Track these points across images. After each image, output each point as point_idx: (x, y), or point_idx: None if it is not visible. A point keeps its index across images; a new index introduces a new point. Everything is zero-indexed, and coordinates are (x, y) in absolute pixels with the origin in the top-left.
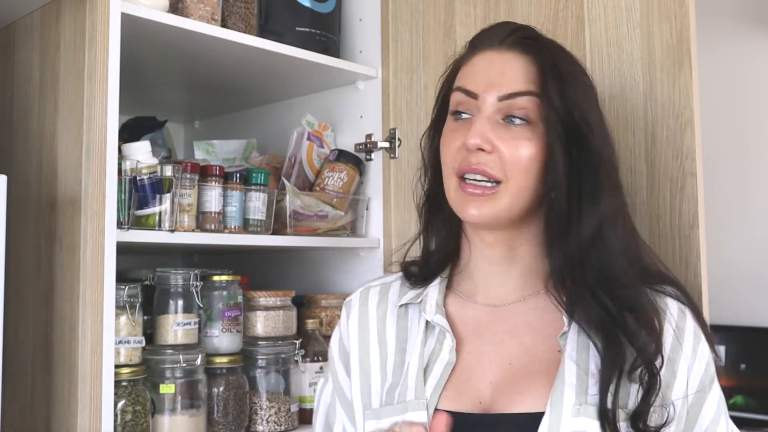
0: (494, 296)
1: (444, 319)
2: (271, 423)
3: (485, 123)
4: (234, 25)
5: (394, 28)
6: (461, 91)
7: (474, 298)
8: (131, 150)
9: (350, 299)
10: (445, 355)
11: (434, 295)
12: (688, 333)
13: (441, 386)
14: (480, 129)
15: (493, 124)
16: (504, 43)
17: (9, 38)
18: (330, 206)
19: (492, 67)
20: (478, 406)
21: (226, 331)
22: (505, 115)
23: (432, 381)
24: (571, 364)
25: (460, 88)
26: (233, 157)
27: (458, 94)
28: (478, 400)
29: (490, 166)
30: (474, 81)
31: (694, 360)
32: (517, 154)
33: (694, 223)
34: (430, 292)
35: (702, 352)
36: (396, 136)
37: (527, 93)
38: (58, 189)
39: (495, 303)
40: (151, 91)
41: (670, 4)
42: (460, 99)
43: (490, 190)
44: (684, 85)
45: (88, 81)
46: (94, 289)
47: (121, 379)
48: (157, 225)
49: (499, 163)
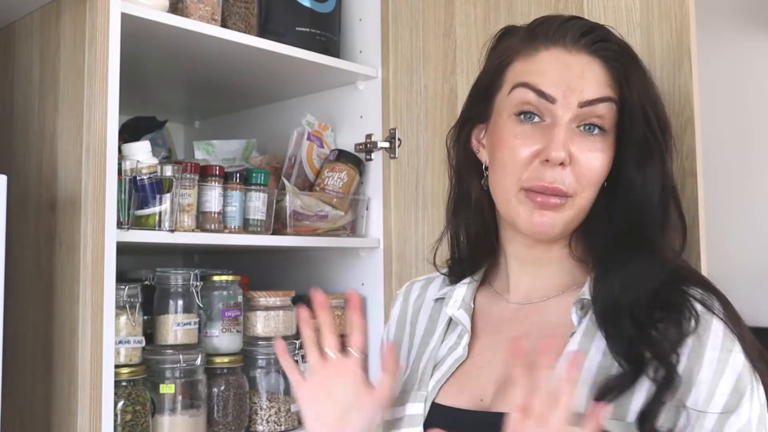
0: (522, 294)
1: (466, 315)
2: (271, 423)
3: (567, 133)
4: (234, 25)
5: (394, 28)
6: (532, 90)
7: (504, 295)
8: (131, 150)
9: (398, 292)
10: (459, 350)
11: (462, 291)
12: (713, 340)
13: (443, 380)
14: (564, 139)
15: (571, 133)
16: (578, 43)
17: (9, 38)
18: (330, 206)
19: (568, 69)
20: (479, 404)
21: (226, 331)
22: (581, 123)
23: (437, 375)
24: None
25: (530, 85)
26: (233, 157)
27: (527, 92)
28: (479, 397)
29: (565, 183)
30: (549, 81)
31: (720, 372)
32: (593, 166)
33: (694, 222)
34: (458, 289)
35: (733, 364)
36: (396, 136)
37: (607, 99)
38: (58, 189)
39: (521, 301)
40: (151, 91)
41: (670, 4)
42: (530, 99)
43: (559, 203)
44: (684, 84)
45: (88, 81)
46: (94, 289)
47: (121, 379)
48: (157, 225)
49: (573, 177)
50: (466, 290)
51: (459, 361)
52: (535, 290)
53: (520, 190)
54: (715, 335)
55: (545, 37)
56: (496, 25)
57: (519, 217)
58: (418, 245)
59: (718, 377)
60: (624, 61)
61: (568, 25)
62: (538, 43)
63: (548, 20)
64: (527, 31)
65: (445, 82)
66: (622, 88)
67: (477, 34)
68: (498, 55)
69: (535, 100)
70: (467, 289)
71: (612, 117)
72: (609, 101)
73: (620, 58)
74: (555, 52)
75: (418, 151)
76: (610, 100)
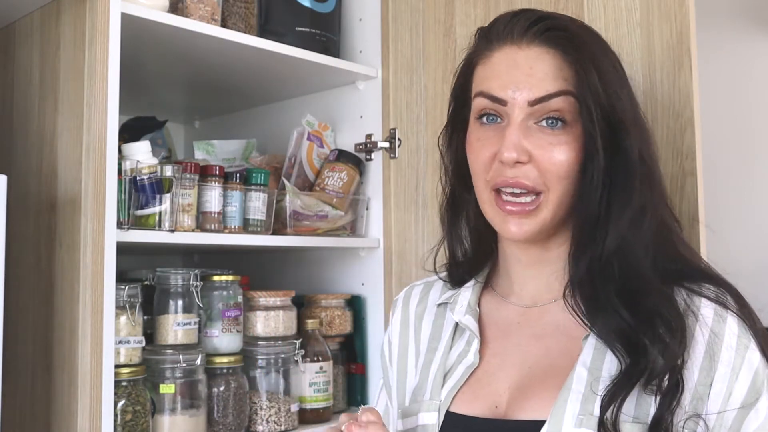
0: (527, 297)
1: (473, 320)
2: (271, 423)
3: (518, 132)
4: (234, 25)
5: (394, 28)
6: (485, 97)
7: (509, 297)
8: (131, 150)
9: (397, 297)
10: (470, 357)
11: (467, 296)
12: (729, 338)
13: (457, 388)
14: (515, 140)
15: (526, 131)
16: (526, 35)
17: (9, 38)
18: (330, 206)
19: (516, 67)
20: (494, 411)
21: (226, 331)
22: (538, 119)
23: (450, 383)
24: (582, 370)
25: (484, 93)
26: (233, 157)
27: (482, 99)
28: (494, 404)
29: (528, 177)
30: (498, 84)
31: (737, 370)
32: (554, 160)
33: (694, 222)
34: (463, 293)
35: (750, 360)
36: (396, 136)
37: (562, 93)
38: (58, 189)
39: (527, 304)
40: (151, 91)
41: (670, 4)
42: (485, 104)
43: (531, 205)
44: (684, 84)
45: (88, 81)
46: (94, 289)
47: (121, 379)
48: (157, 225)
49: (536, 172)
50: (470, 294)
51: (471, 368)
52: (542, 293)
53: (490, 191)
54: (730, 335)
55: (497, 37)
56: None
57: (495, 224)
58: (418, 245)
59: (735, 375)
60: (576, 48)
61: (515, 19)
62: (492, 44)
63: (500, 18)
64: (484, 32)
65: (445, 81)
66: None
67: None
68: (465, 61)
69: (490, 105)
70: (471, 293)
71: (572, 108)
72: (562, 95)
73: (572, 45)
74: (506, 50)
75: (418, 151)
76: (562, 94)
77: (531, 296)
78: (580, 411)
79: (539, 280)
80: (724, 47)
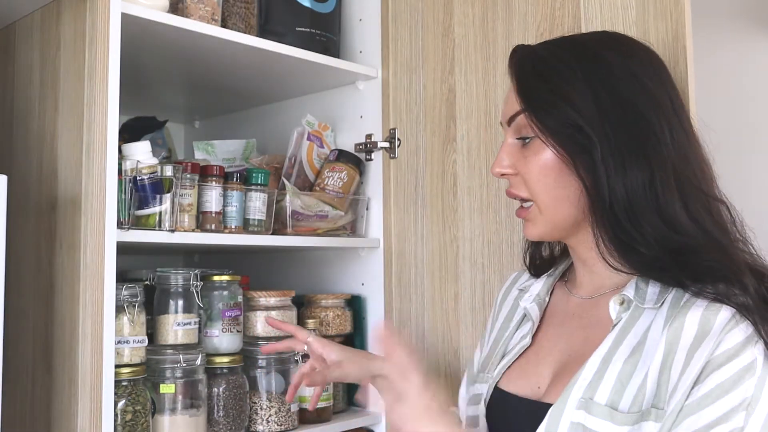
0: (586, 290)
1: (536, 307)
2: (271, 423)
3: (506, 149)
4: (234, 25)
5: (394, 28)
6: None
7: (573, 291)
8: (131, 150)
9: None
10: (527, 338)
11: (538, 286)
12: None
13: (507, 365)
14: (500, 156)
15: (514, 148)
16: (511, 67)
17: (9, 38)
18: (330, 206)
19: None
20: (536, 392)
21: (226, 331)
22: (518, 137)
23: (505, 360)
24: (596, 359)
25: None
26: (233, 157)
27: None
28: (537, 384)
29: (517, 187)
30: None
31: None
32: (529, 170)
33: None
34: (536, 283)
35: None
36: (396, 136)
37: (518, 113)
38: (58, 189)
39: (584, 296)
40: (151, 91)
41: (665, 2)
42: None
43: (528, 211)
44: (680, 82)
45: (88, 81)
46: (94, 289)
47: (121, 379)
48: (157, 225)
49: (522, 182)
50: (542, 285)
51: (523, 348)
52: (597, 287)
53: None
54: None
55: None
56: (494, 24)
57: None
58: (418, 245)
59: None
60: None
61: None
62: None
63: None
64: None
65: (443, 81)
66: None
67: (475, 34)
68: None
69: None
70: (543, 284)
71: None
72: (518, 114)
73: (520, 65)
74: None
75: (418, 151)
76: (518, 113)
77: (589, 290)
78: (583, 395)
79: (593, 275)
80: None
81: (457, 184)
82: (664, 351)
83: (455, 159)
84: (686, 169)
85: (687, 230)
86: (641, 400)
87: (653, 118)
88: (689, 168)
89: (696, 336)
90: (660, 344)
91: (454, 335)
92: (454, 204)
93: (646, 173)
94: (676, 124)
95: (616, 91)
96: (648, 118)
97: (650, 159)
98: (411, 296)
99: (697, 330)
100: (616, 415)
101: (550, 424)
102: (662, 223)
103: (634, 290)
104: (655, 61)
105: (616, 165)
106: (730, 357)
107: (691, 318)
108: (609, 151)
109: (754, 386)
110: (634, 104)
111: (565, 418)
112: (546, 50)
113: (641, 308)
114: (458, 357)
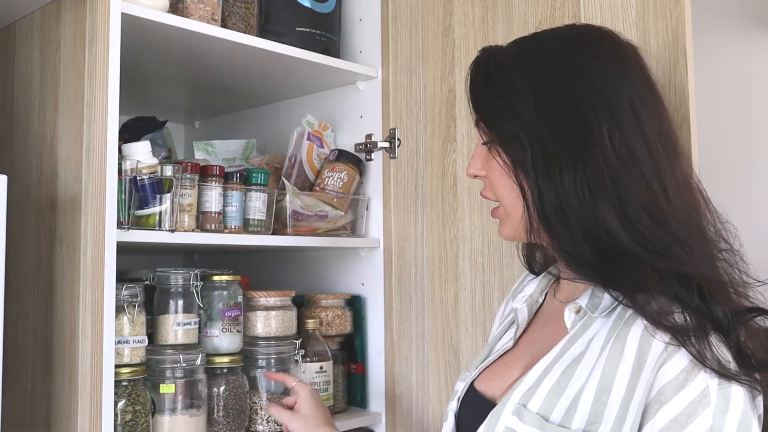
0: (563, 294)
1: (525, 308)
2: (271, 423)
3: (477, 151)
4: (234, 25)
5: (394, 28)
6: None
7: (557, 293)
8: (131, 150)
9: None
10: (510, 340)
11: (532, 287)
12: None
13: (485, 366)
14: (473, 158)
15: (483, 151)
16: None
17: (9, 38)
18: (330, 206)
19: None
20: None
21: (226, 331)
22: (483, 142)
23: (487, 360)
24: (540, 366)
25: None
26: (233, 157)
27: None
28: (506, 387)
29: (486, 189)
30: None
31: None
32: (491, 173)
33: None
34: (531, 284)
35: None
36: (396, 136)
37: (477, 122)
38: (58, 189)
39: (561, 300)
40: (151, 91)
41: (665, 2)
42: None
43: (497, 212)
44: (680, 82)
45: (88, 81)
46: (94, 289)
47: (121, 379)
48: (157, 225)
49: (490, 184)
50: (536, 286)
51: (506, 349)
52: (572, 291)
53: None
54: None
55: None
56: (494, 24)
57: None
58: (418, 245)
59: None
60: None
61: None
62: None
63: None
64: None
65: (443, 81)
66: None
67: (475, 34)
68: None
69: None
70: (537, 284)
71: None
72: (478, 122)
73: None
74: None
75: (418, 151)
76: (478, 121)
77: (566, 293)
78: (519, 401)
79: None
80: (722, 47)
81: (457, 184)
82: (602, 371)
83: (455, 159)
84: (632, 170)
85: (618, 234)
86: (572, 415)
87: (594, 120)
88: (636, 169)
89: (635, 362)
90: (600, 361)
91: (454, 335)
92: (454, 204)
93: (580, 178)
94: (627, 124)
95: (561, 95)
96: (588, 121)
97: (585, 163)
98: (411, 296)
99: (636, 354)
100: (546, 426)
101: (488, 427)
102: (595, 227)
103: (588, 299)
104: (619, 55)
105: (549, 171)
106: (677, 388)
107: (632, 338)
108: (542, 158)
109: (712, 415)
110: (576, 106)
111: (501, 423)
112: (505, 54)
113: (593, 317)
114: (458, 357)
